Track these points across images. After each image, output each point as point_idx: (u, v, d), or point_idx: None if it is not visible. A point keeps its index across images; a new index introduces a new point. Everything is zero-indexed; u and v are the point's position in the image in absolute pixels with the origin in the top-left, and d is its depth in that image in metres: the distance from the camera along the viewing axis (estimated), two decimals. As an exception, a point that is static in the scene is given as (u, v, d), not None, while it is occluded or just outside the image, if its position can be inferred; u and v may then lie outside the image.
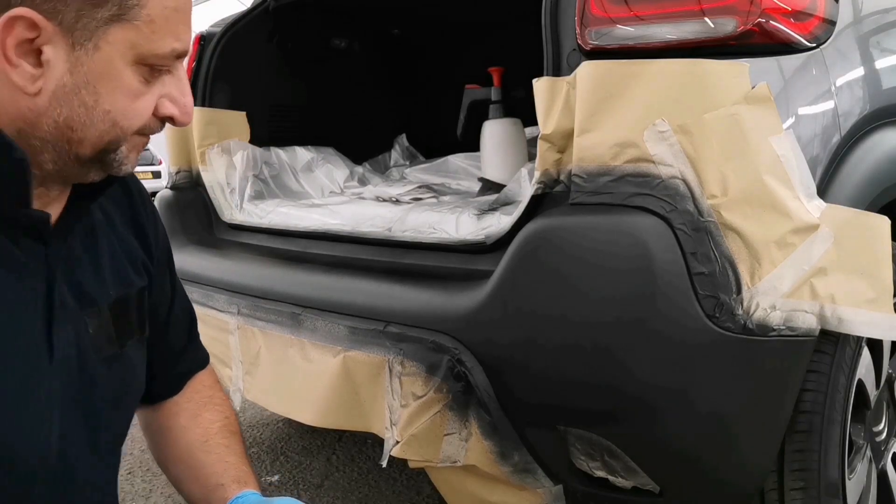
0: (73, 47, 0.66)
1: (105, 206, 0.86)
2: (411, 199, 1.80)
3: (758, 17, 1.05)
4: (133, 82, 0.69)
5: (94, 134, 0.69)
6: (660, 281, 0.99)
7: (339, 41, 2.34)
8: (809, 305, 1.02)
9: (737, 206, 0.99)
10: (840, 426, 1.17)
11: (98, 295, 0.81)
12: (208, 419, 0.97)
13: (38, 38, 0.64)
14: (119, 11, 0.66)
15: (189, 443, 0.95)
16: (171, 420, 0.97)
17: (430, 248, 1.32)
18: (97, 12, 0.65)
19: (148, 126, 0.73)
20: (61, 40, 0.65)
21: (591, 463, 1.19)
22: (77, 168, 0.72)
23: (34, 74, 0.66)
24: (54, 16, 0.64)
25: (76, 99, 0.67)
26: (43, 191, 0.74)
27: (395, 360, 1.19)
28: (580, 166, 1.05)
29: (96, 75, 0.67)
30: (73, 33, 0.65)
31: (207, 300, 1.56)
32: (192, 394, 1.00)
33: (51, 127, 0.68)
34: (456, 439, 1.18)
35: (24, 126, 0.68)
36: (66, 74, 0.66)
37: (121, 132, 0.71)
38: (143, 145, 0.76)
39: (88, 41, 0.66)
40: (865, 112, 1.22)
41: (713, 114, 0.99)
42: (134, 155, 0.75)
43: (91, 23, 0.65)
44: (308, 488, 1.97)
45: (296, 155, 2.09)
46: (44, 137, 0.69)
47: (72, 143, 0.69)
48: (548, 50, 1.13)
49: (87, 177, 0.74)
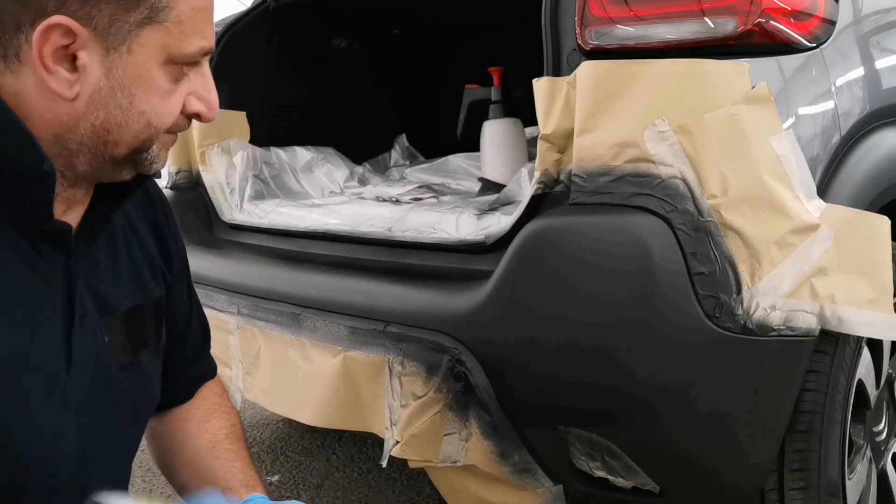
0: (108, 51, 0.67)
1: (127, 209, 0.86)
2: (411, 199, 1.80)
3: (758, 17, 1.05)
4: (164, 82, 0.70)
5: (130, 135, 0.71)
6: (660, 281, 0.99)
7: (340, 41, 2.34)
8: (809, 305, 1.02)
9: (737, 206, 0.99)
10: (840, 426, 1.17)
11: (116, 303, 0.81)
12: (216, 425, 0.97)
13: (73, 44, 0.65)
14: (150, 14, 0.67)
15: (197, 448, 0.95)
16: (178, 425, 0.97)
17: (430, 248, 1.32)
18: (129, 16, 0.66)
19: (177, 124, 0.74)
20: (96, 45, 0.66)
21: (591, 463, 1.19)
22: (110, 168, 0.73)
23: (70, 80, 0.66)
24: (89, 21, 0.65)
25: (112, 102, 0.68)
26: (72, 192, 0.74)
27: (395, 360, 1.19)
28: (580, 166, 1.05)
29: (131, 78, 0.68)
30: (107, 38, 0.66)
31: (207, 300, 1.56)
32: (201, 401, 1.00)
33: (88, 130, 0.69)
34: (456, 439, 1.18)
35: (61, 131, 0.69)
36: (101, 78, 0.67)
37: (154, 131, 0.72)
38: (173, 143, 0.77)
39: (122, 45, 0.67)
40: (865, 112, 1.22)
41: (713, 114, 0.99)
42: (164, 153, 0.76)
43: (124, 26, 0.66)
44: (308, 488, 1.97)
45: (296, 155, 2.09)
46: (81, 141, 0.70)
47: (108, 145, 0.71)
48: (548, 50, 1.13)
49: (119, 176, 0.75)
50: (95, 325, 0.78)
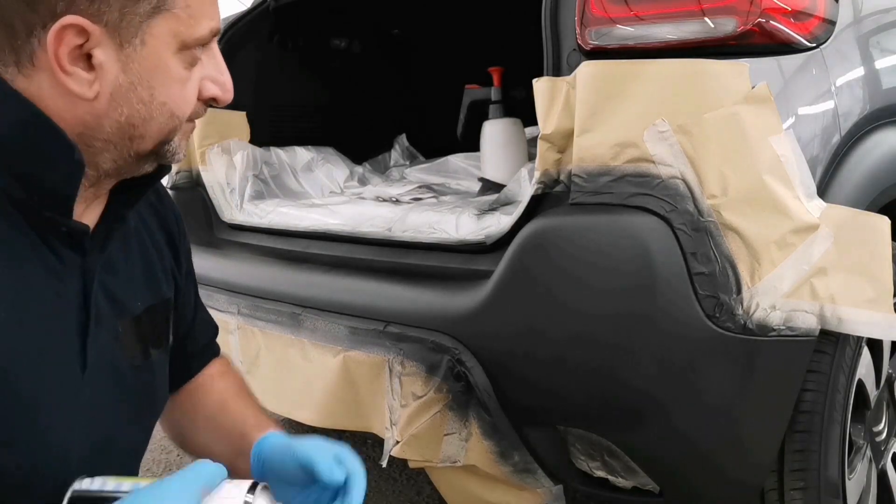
0: (122, 46, 0.66)
1: (140, 209, 0.86)
2: (411, 199, 1.80)
3: (758, 17, 1.05)
4: (180, 70, 0.70)
5: (155, 128, 0.70)
6: (660, 281, 0.99)
7: (340, 41, 2.34)
8: (809, 305, 1.02)
9: (737, 206, 0.99)
10: (840, 426, 1.17)
11: (130, 303, 0.81)
12: (222, 387, 0.99)
13: (87, 43, 0.65)
14: (158, 3, 0.66)
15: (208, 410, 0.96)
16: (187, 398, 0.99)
17: (430, 248, 1.32)
18: (138, 7, 0.65)
19: (195, 111, 0.74)
20: (109, 41, 0.65)
21: (591, 463, 1.20)
22: (134, 163, 0.73)
23: (89, 79, 0.66)
24: (99, 18, 0.64)
25: (134, 96, 0.68)
26: (92, 192, 0.74)
27: (395, 360, 1.19)
28: (580, 166, 1.05)
29: (148, 70, 0.68)
30: (119, 32, 0.65)
31: (207, 300, 1.54)
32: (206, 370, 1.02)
33: (113, 128, 0.69)
34: (456, 439, 1.18)
35: (84, 130, 0.68)
36: (119, 74, 0.67)
37: (178, 122, 0.72)
38: (191, 131, 0.77)
39: (135, 37, 0.66)
40: (865, 112, 1.22)
41: (713, 114, 0.99)
42: (185, 143, 0.76)
43: (135, 19, 0.66)
44: (308, 488, 1.96)
45: (296, 155, 2.09)
46: (106, 139, 0.69)
47: (133, 140, 0.70)
48: (548, 50, 1.13)
49: (142, 170, 0.75)
50: (110, 326, 0.77)
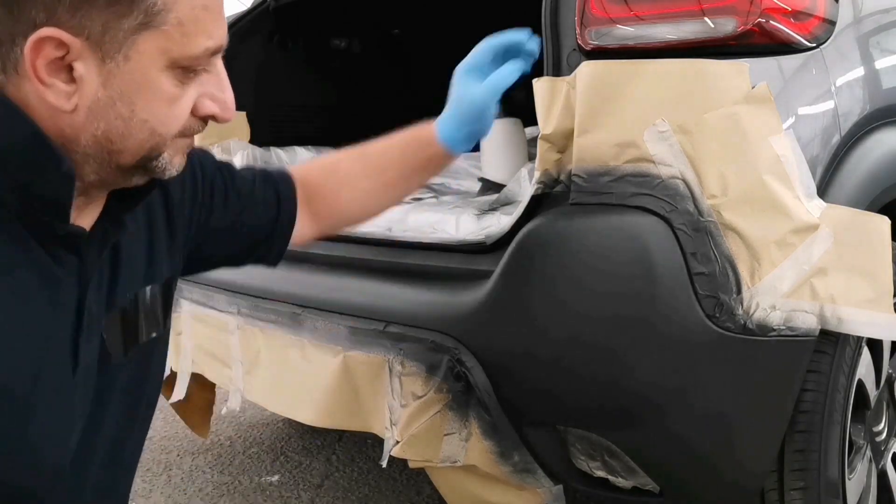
0: (104, 60, 0.65)
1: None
2: (411, 199, 1.79)
3: (758, 17, 1.05)
4: (168, 87, 0.68)
5: (134, 144, 0.69)
6: (660, 281, 0.99)
7: (340, 41, 2.34)
8: (809, 305, 1.02)
9: (737, 206, 0.99)
10: (840, 426, 1.17)
11: (123, 297, 0.80)
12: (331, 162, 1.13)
13: (67, 55, 0.63)
14: (146, 19, 0.64)
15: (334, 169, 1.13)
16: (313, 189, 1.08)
17: (430, 248, 1.32)
18: (123, 23, 0.64)
19: (189, 127, 0.72)
20: (91, 55, 0.64)
21: (591, 463, 1.20)
22: (120, 176, 0.72)
23: (68, 91, 0.65)
24: (80, 31, 0.63)
25: (112, 112, 0.66)
26: (83, 200, 0.73)
27: (395, 360, 1.19)
28: (580, 166, 1.05)
29: (130, 86, 0.66)
30: (101, 47, 0.64)
31: (207, 300, 1.56)
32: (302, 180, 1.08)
33: (90, 141, 0.67)
34: (456, 439, 1.18)
35: (64, 142, 0.67)
36: (99, 88, 0.65)
37: (160, 139, 0.70)
38: (189, 146, 0.75)
39: (118, 53, 0.65)
40: (865, 112, 1.22)
41: (713, 114, 0.99)
42: (178, 158, 0.74)
43: (119, 34, 0.64)
44: (308, 488, 1.97)
45: (296, 155, 2.09)
46: (85, 151, 0.68)
47: (112, 154, 0.69)
48: (548, 50, 1.13)
49: (131, 182, 0.74)
50: (101, 322, 0.77)
